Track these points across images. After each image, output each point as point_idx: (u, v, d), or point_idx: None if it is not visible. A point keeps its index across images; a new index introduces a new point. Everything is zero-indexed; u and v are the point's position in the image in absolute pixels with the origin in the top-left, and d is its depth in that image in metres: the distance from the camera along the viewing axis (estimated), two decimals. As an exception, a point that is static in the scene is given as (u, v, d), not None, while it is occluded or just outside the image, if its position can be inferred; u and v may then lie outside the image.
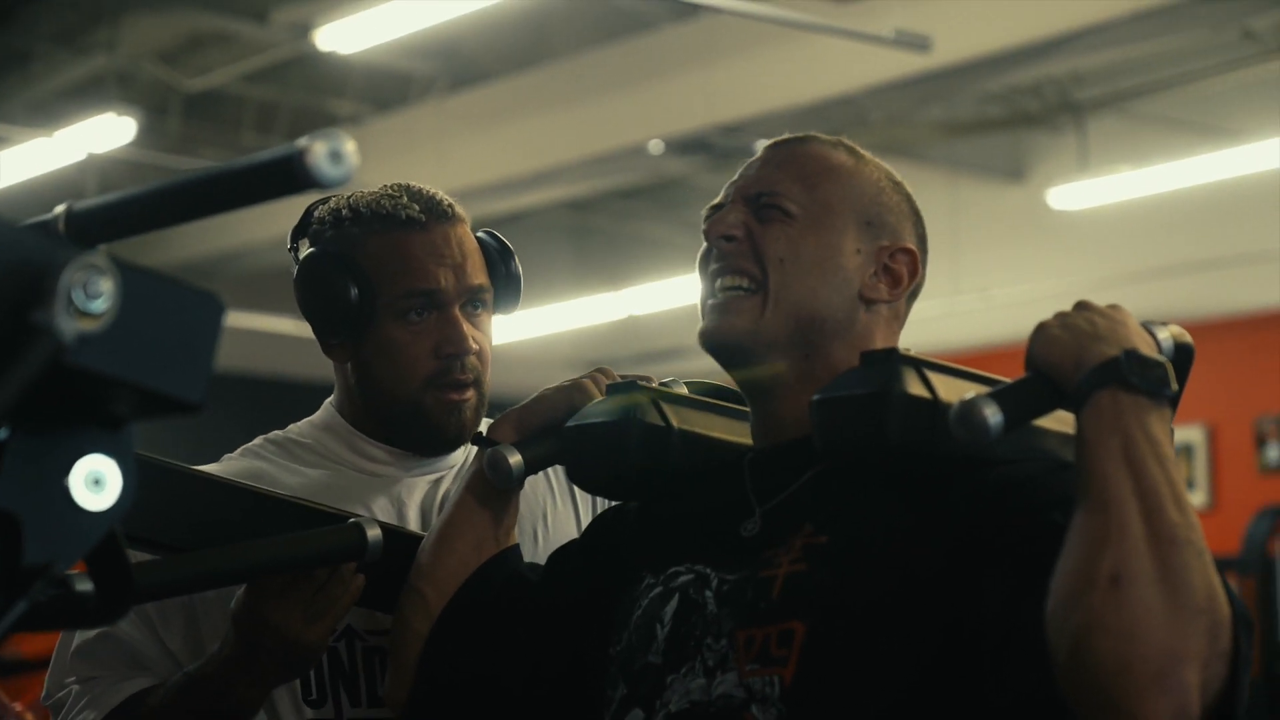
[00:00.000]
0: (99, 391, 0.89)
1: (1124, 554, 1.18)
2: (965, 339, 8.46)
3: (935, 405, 1.35)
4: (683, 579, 1.47)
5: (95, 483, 0.91)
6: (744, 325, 1.48)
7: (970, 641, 1.30)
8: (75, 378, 0.86)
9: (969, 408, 1.28)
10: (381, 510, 1.77)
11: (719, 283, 1.51)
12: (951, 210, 8.04)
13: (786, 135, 1.58)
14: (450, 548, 1.62)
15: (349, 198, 1.78)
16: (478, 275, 1.76)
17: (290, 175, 0.88)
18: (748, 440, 1.56)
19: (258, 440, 1.86)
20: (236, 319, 6.76)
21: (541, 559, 1.74)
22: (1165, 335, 1.38)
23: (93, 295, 0.85)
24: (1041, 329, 1.32)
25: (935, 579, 1.32)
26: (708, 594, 1.43)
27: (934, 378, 1.37)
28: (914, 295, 1.55)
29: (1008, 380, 1.35)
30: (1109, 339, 1.29)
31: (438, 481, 1.81)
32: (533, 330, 9.31)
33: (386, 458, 1.80)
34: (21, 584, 0.90)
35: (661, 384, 1.66)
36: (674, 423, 1.56)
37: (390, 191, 1.77)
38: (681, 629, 1.43)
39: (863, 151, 1.57)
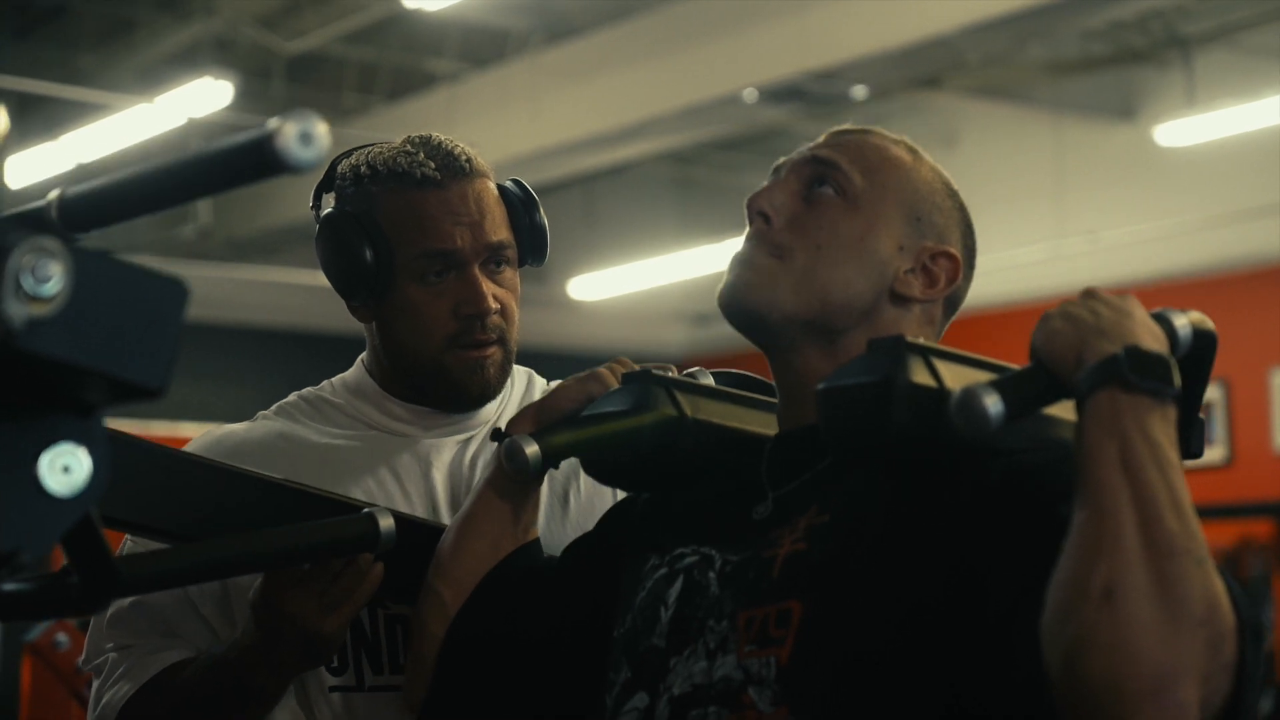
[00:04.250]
0: (59, 377, 0.88)
1: (1117, 566, 1.14)
2: (1071, 282, 8.30)
3: (941, 394, 1.31)
4: (688, 560, 1.45)
5: (65, 470, 0.90)
6: (763, 290, 1.45)
7: (970, 635, 1.26)
8: (30, 363, 0.86)
9: (969, 396, 1.25)
10: (408, 473, 1.77)
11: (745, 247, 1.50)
12: (1056, 152, 7.89)
13: (848, 125, 1.56)
14: (468, 544, 1.61)
15: (369, 153, 1.76)
16: (497, 232, 1.74)
17: (261, 159, 0.87)
18: (769, 431, 1.53)
19: (292, 397, 1.87)
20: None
21: (575, 522, 1.75)
22: (1183, 323, 1.32)
23: (41, 279, 0.84)
24: (1044, 321, 1.28)
25: (938, 567, 1.29)
26: (711, 575, 1.42)
27: (941, 366, 1.33)
28: (952, 304, 1.52)
29: (1018, 369, 1.31)
30: (1111, 333, 1.24)
31: (466, 442, 1.80)
32: (638, 284, 9.30)
33: (413, 419, 1.79)
34: None
35: (686, 374, 1.65)
36: (688, 411, 1.54)
37: (407, 148, 1.74)
38: (685, 611, 1.42)
39: (923, 152, 1.55)
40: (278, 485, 1.61)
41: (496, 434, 1.64)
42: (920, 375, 1.32)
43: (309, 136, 0.86)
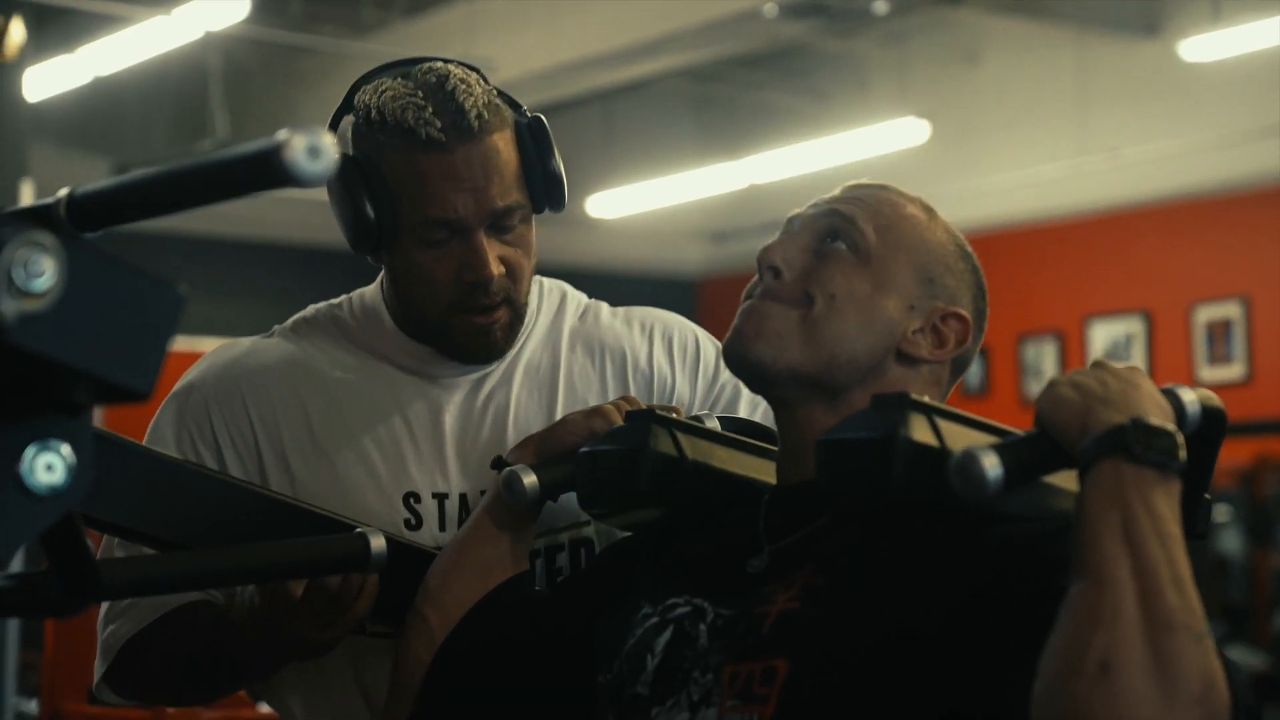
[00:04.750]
0: (46, 375, 0.88)
1: (1115, 639, 1.12)
2: (1092, 200, 8.27)
3: (942, 454, 1.28)
4: (679, 611, 1.44)
5: (47, 468, 0.90)
6: (770, 342, 1.44)
7: (960, 704, 1.25)
8: (19, 359, 0.85)
9: (968, 459, 1.22)
10: (417, 417, 1.75)
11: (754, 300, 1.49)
12: (1078, 69, 7.82)
13: (864, 181, 1.56)
14: (459, 572, 1.61)
15: (382, 94, 1.68)
16: (505, 195, 1.67)
17: (268, 171, 0.87)
18: (769, 479, 1.53)
19: (310, 312, 1.84)
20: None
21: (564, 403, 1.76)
22: (1191, 399, 1.29)
23: (34, 274, 0.84)
24: (1051, 387, 1.26)
25: (931, 635, 1.27)
26: (701, 627, 1.41)
27: (945, 426, 1.31)
28: (960, 365, 1.52)
29: (1021, 434, 1.30)
30: (1119, 404, 1.22)
31: (480, 380, 1.77)
32: (657, 202, 9.28)
33: (425, 358, 1.77)
34: None
35: (691, 418, 1.64)
36: (688, 454, 1.54)
37: (416, 100, 1.66)
38: (672, 661, 1.41)
39: (937, 213, 1.55)
40: (272, 500, 1.59)
41: (497, 462, 1.64)
42: (922, 434, 1.30)
43: (317, 150, 0.86)
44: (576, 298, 1.89)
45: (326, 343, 1.79)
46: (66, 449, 0.91)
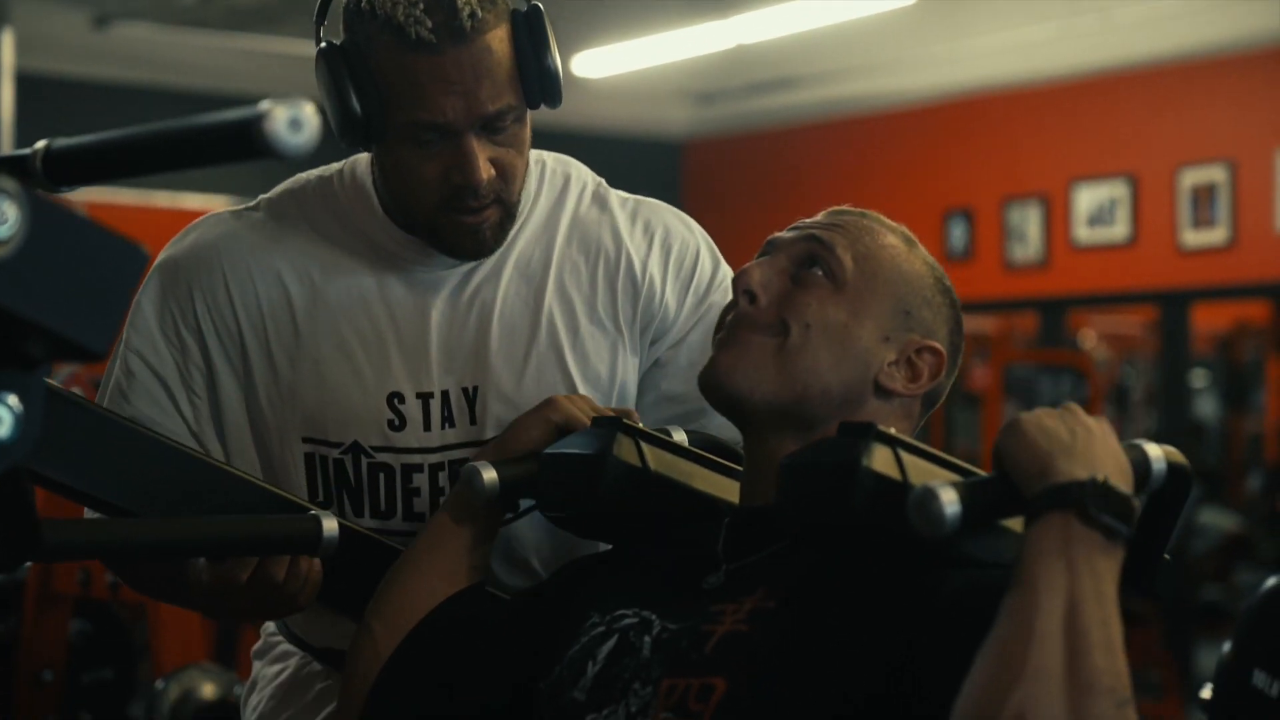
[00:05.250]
0: (4, 329, 0.87)
1: (1035, 695, 1.11)
2: (1080, 63, 8.21)
3: (903, 487, 1.28)
4: (626, 621, 1.45)
5: None
6: (745, 373, 1.44)
7: None
8: None
9: (928, 494, 1.22)
10: (402, 310, 1.72)
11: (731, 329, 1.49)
12: (1070, -73, 7.71)
13: (847, 206, 1.55)
14: (410, 582, 1.59)
15: None
16: (497, 98, 1.62)
17: (249, 141, 0.87)
18: (731, 498, 1.53)
19: (300, 181, 1.79)
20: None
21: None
22: (1157, 455, 1.29)
23: None
24: (1015, 425, 1.25)
25: (873, 671, 1.27)
26: (647, 639, 1.41)
27: (909, 460, 1.31)
28: (931, 400, 1.51)
29: (984, 475, 1.29)
30: (1082, 457, 1.21)
31: (469, 273, 1.74)
32: (640, 62, 9.18)
33: (415, 247, 1.73)
34: None
35: (658, 430, 1.62)
36: (651, 465, 1.53)
37: None
38: (613, 669, 1.41)
39: (918, 243, 1.53)
40: (228, 474, 1.57)
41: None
42: (885, 465, 1.29)
43: (299, 123, 0.86)
44: (581, 181, 1.84)
45: (314, 222, 1.75)
46: (15, 401, 0.91)
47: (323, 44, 1.64)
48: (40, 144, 1.02)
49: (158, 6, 8.21)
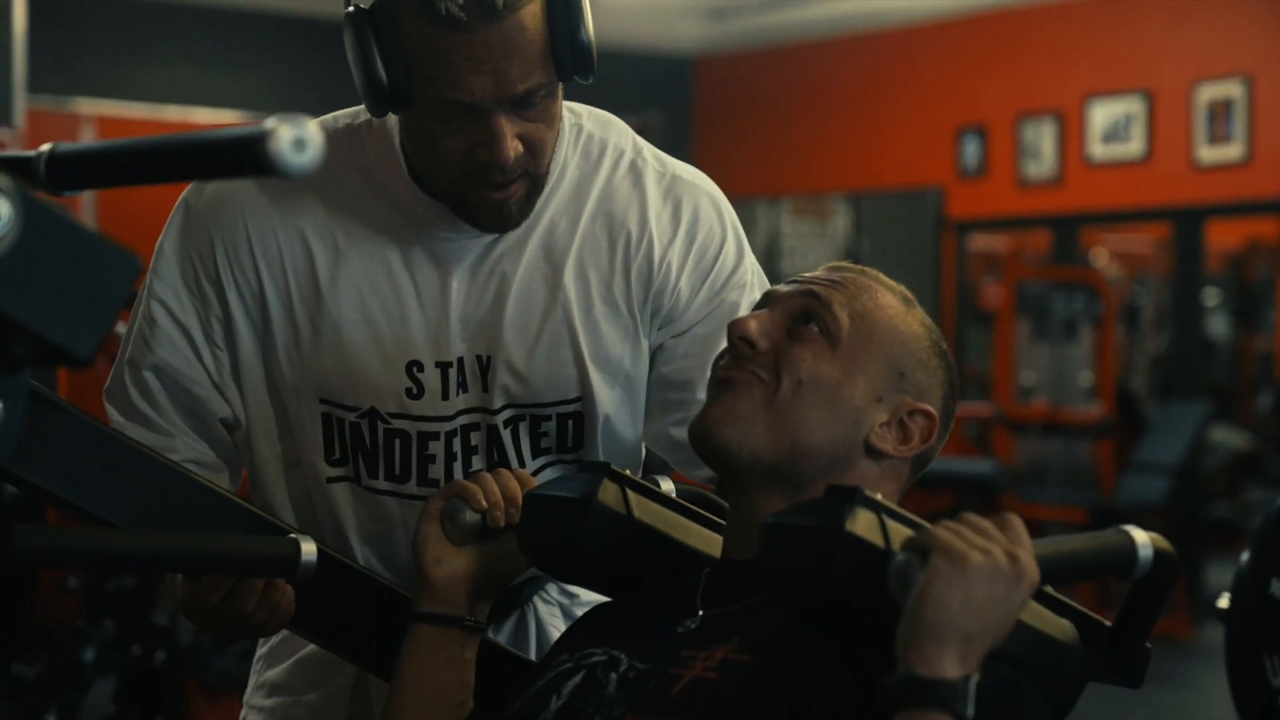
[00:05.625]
0: None
1: None
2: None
3: (886, 555, 1.27)
4: (595, 659, 1.43)
5: None
6: (736, 425, 1.44)
7: None
8: None
9: (908, 565, 1.22)
10: (424, 277, 1.68)
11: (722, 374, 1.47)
12: None
13: (846, 263, 1.53)
14: (405, 704, 1.56)
15: None
16: (527, 77, 1.56)
17: (252, 160, 0.86)
18: (713, 553, 1.52)
19: (343, 123, 1.73)
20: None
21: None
22: (1144, 541, 1.32)
23: None
24: (963, 563, 1.22)
25: None
26: (613, 676, 1.40)
27: (894, 527, 1.29)
28: (921, 462, 1.49)
29: None
30: (977, 639, 1.22)
31: (494, 242, 1.70)
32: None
33: (440, 213, 1.68)
34: None
35: (647, 479, 1.60)
36: (635, 513, 1.52)
37: None
38: (575, 705, 1.40)
39: (916, 304, 1.51)
40: (210, 491, 1.54)
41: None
42: (868, 531, 1.28)
43: (303, 143, 0.85)
44: (618, 149, 1.76)
45: (340, 176, 1.70)
46: None
47: (351, 8, 1.59)
48: (45, 147, 1.01)
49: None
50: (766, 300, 1.53)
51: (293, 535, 1.49)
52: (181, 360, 1.69)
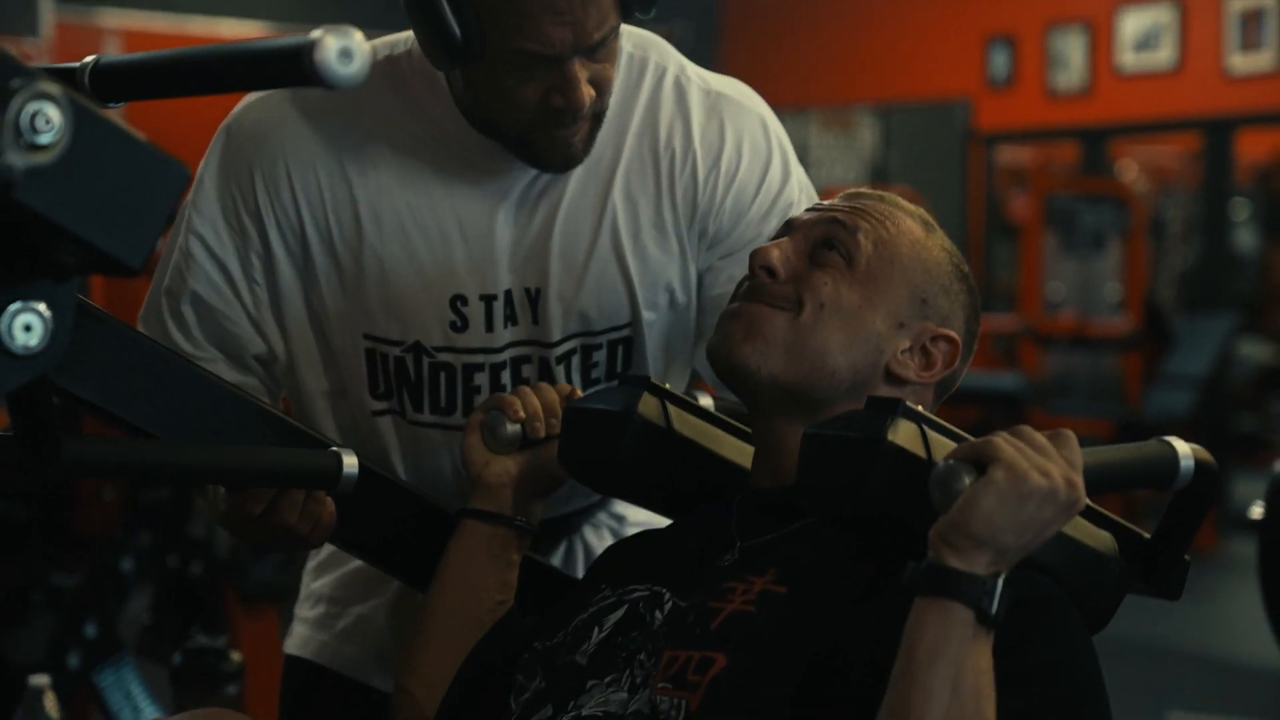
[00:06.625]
0: (40, 235, 0.86)
1: None
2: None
3: (927, 465, 1.25)
4: (637, 594, 1.44)
5: (26, 328, 0.90)
6: (755, 347, 1.43)
7: None
8: (16, 216, 0.84)
9: (950, 472, 1.21)
10: (469, 212, 1.67)
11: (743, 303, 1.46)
12: None
13: (865, 189, 1.52)
14: (436, 629, 1.55)
15: None
16: (601, 25, 1.54)
17: (298, 70, 0.85)
18: (748, 464, 1.51)
19: (382, 53, 1.69)
20: None
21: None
22: (1185, 453, 1.32)
23: (41, 128, 0.83)
24: (1012, 484, 1.20)
25: (868, 663, 1.26)
26: (657, 613, 1.40)
27: (935, 438, 1.28)
28: (945, 387, 1.48)
29: None
30: (1020, 538, 1.20)
31: (538, 174, 1.68)
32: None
33: (488, 150, 1.66)
34: None
35: (686, 393, 1.59)
36: (675, 427, 1.52)
37: None
38: (618, 639, 1.40)
39: (936, 227, 1.50)
40: (252, 405, 1.53)
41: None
42: (910, 442, 1.27)
43: (349, 53, 0.84)
44: (660, 67, 1.74)
45: (381, 106, 1.68)
46: (46, 311, 0.91)
47: None
48: (89, 59, 1.01)
49: None
50: (788, 228, 1.52)
51: (334, 449, 1.50)
52: (218, 297, 1.69)
